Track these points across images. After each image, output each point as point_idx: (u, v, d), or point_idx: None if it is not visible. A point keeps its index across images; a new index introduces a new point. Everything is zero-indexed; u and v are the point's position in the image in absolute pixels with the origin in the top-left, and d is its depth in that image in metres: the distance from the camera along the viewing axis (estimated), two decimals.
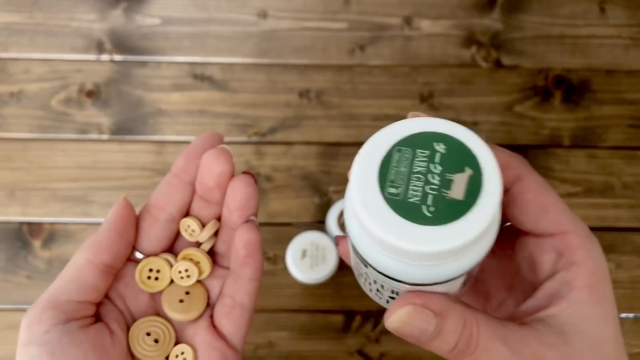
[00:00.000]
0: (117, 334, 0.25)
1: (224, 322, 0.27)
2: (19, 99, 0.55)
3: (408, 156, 0.17)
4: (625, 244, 0.53)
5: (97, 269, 0.25)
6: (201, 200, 0.27)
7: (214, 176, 0.25)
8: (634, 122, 0.55)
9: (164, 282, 0.27)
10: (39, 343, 0.23)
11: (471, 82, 0.56)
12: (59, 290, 0.25)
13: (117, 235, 0.25)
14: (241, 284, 0.27)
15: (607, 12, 0.58)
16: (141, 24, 0.57)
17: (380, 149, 0.18)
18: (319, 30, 0.57)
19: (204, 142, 0.26)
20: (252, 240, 0.26)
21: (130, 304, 0.27)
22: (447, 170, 0.17)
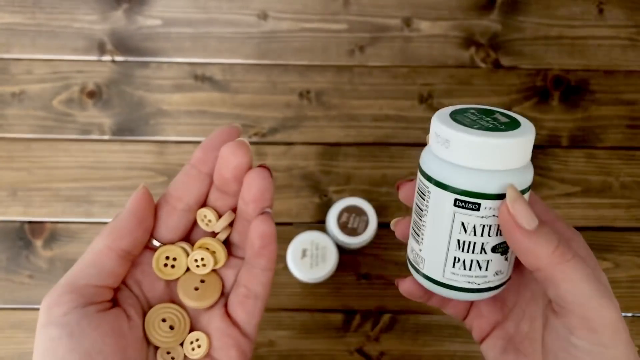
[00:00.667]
0: (134, 319, 0.26)
1: (237, 310, 0.27)
2: (21, 100, 0.55)
3: (475, 113, 0.25)
4: (623, 244, 0.53)
5: (115, 254, 0.25)
6: (218, 191, 0.27)
7: (231, 168, 0.26)
8: (632, 123, 0.56)
9: (180, 270, 0.27)
10: (58, 324, 0.23)
11: (470, 83, 0.56)
12: (78, 274, 0.25)
13: (136, 221, 0.26)
14: (255, 274, 0.27)
15: (605, 13, 0.58)
16: (142, 25, 0.57)
17: (450, 109, 0.24)
18: (319, 31, 0.57)
19: (222, 134, 0.27)
20: (267, 232, 0.26)
21: (147, 291, 0.27)
22: (498, 122, 0.24)
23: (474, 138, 0.22)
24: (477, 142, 0.22)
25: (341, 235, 0.48)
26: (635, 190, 0.54)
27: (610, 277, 0.53)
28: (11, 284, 0.52)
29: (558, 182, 0.54)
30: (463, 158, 0.22)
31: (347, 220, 0.48)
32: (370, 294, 0.52)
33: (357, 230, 0.48)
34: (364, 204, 0.48)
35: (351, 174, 0.54)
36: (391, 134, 0.55)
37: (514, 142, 0.22)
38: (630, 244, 0.53)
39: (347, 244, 0.48)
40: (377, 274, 0.52)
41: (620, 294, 0.52)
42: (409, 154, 0.55)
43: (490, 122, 0.23)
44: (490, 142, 0.22)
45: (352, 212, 0.48)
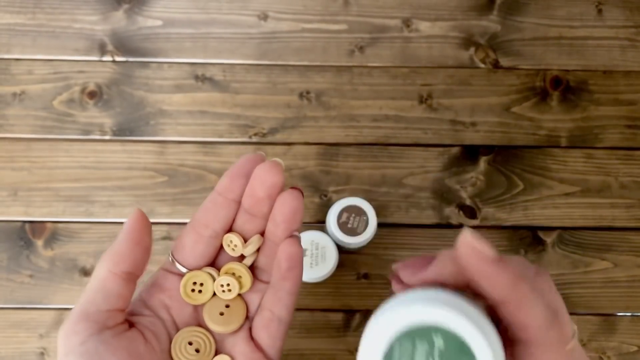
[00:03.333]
0: (151, 342, 0.26)
1: (261, 334, 0.28)
2: (22, 100, 0.55)
3: (408, 350, 0.17)
4: (622, 244, 0.53)
5: (119, 278, 0.26)
6: (246, 214, 0.28)
7: (266, 187, 0.27)
8: (631, 123, 0.56)
9: (206, 295, 0.28)
10: (77, 353, 0.24)
11: (469, 83, 0.56)
12: (87, 302, 0.26)
13: (133, 244, 0.26)
14: (280, 297, 0.28)
15: (604, 13, 0.58)
16: (143, 26, 0.57)
17: (383, 340, 0.18)
18: (319, 31, 0.57)
19: (249, 162, 0.28)
20: (295, 254, 0.27)
21: (175, 315, 0.28)
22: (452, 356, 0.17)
23: None
24: None
25: (341, 235, 0.48)
26: (634, 190, 0.54)
27: (610, 276, 0.53)
28: (12, 283, 0.52)
29: (557, 182, 0.54)
30: None
31: (347, 220, 0.48)
32: (370, 294, 0.52)
33: (357, 230, 0.48)
34: (364, 203, 0.48)
35: (351, 174, 0.54)
36: (391, 134, 0.55)
37: None
38: (629, 243, 0.53)
39: (347, 243, 0.48)
40: (377, 273, 0.52)
41: (620, 294, 0.52)
42: (408, 154, 0.55)
43: None
44: None
45: (352, 212, 0.48)
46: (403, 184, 0.54)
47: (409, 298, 0.18)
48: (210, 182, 0.54)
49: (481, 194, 0.54)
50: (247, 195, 0.27)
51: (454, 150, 0.55)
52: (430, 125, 0.55)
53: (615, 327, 0.52)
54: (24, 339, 0.51)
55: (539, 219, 0.54)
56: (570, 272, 0.53)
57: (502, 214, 0.54)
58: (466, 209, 0.54)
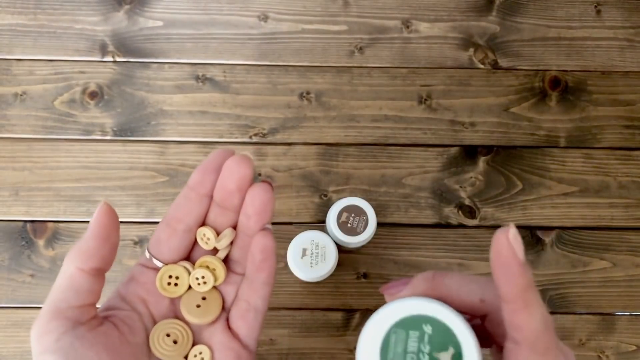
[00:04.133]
0: (126, 335, 0.27)
1: (239, 323, 0.28)
2: (23, 100, 0.55)
3: (402, 337, 0.21)
4: (620, 243, 0.54)
5: (88, 274, 0.26)
6: (218, 207, 0.28)
7: (236, 179, 0.27)
8: (630, 123, 0.56)
9: (182, 288, 0.28)
10: (52, 351, 0.24)
11: (469, 84, 0.57)
12: (58, 299, 0.26)
13: (101, 241, 0.26)
14: (255, 288, 0.28)
15: (602, 13, 0.59)
16: (144, 26, 0.57)
17: (380, 330, 0.21)
18: (319, 32, 0.58)
19: (219, 157, 0.28)
20: (268, 246, 0.28)
21: (152, 308, 0.28)
22: (434, 349, 0.20)
23: None
24: None
25: (341, 235, 0.48)
26: (632, 190, 0.55)
27: (608, 276, 0.53)
28: (13, 283, 0.52)
29: (556, 182, 0.55)
30: None
31: (346, 220, 0.48)
32: (369, 293, 0.52)
33: (357, 229, 0.48)
34: (364, 203, 0.48)
35: (351, 174, 0.54)
36: (390, 135, 0.55)
37: None
38: (628, 243, 0.54)
39: (346, 243, 0.49)
40: (376, 273, 0.53)
41: (618, 294, 0.53)
42: (407, 154, 0.55)
43: (425, 358, 0.21)
44: None
45: (351, 211, 0.48)
46: (402, 184, 0.54)
47: (400, 300, 0.21)
48: None
49: (480, 194, 0.54)
50: (218, 189, 0.28)
51: (453, 151, 0.55)
52: (430, 125, 0.56)
53: (614, 327, 0.52)
54: (25, 338, 0.51)
55: (538, 219, 0.54)
56: (569, 271, 0.53)
57: (501, 213, 0.54)
58: (465, 208, 0.54)
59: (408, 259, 0.53)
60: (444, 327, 0.20)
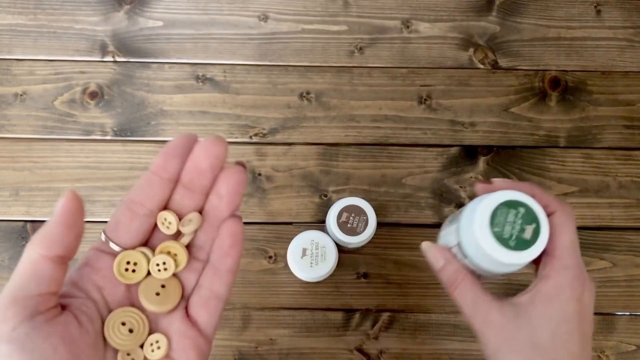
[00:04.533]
0: (85, 325, 0.26)
1: (200, 311, 0.28)
2: (23, 100, 0.55)
3: (504, 212, 0.31)
4: (620, 243, 0.54)
5: (51, 261, 0.25)
6: (184, 189, 0.27)
7: (211, 158, 0.26)
8: (630, 123, 0.56)
9: (140, 274, 0.28)
10: (7, 340, 0.23)
11: (469, 84, 0.57)
12: (18, 286, 0.25)
13: (66, 228, 0.25)
14: (220, 275, 0.28)
15: (602, 14, 0.59)
16: (144, 26, 0.57)
17: (491, 206, 0.31)
18: (319, 32, 0.58)
19: (182, 141, 0.27)
20: (237, 231, 0.27)
21: (107, 295, 0.27)
22: (524, 222, 0.31)
23: (495, 256, 0.31)
24: (495, 258, 0.31)
25: (341, 235, 0.48)
26: (632, 190, 0.55)
27: (608, 276, 0.53)
28: None
29: (556, 182, 0.55)
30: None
31: (346, 220, 0.48)
32: (369, 293, 0.52)
33: (357, 229, 0.48)
34: (364, 203, 0.49)
35: (351, 174, 0.54)
36: (390, 135, 0.55)
37: (518, 263, 0.31)
38: (627, 243, 0.54)
39: (346, 243, 0.49)
40: (376, 273, 0.53)
41: (618, 293, 0.53)
42: (407, 154, 0.55)
43: (517, 226, 0.31)
44: (504, 262, 0.31)
45: (351, 211, 0.48)
46: (402, 184, 0.54)
47: (505, 191, 0.32)
48: None
49: None
50: (188, 169, 0.27)
51: (453, 151, 0.55)
52: (430, 125, 0.56)
53: (614, 327, 0.52)
54: None
55: None
56: None
57: None
58: None
59: (408, 259, 0.53)
60: (531, 211, 0.31)
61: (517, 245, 0.30)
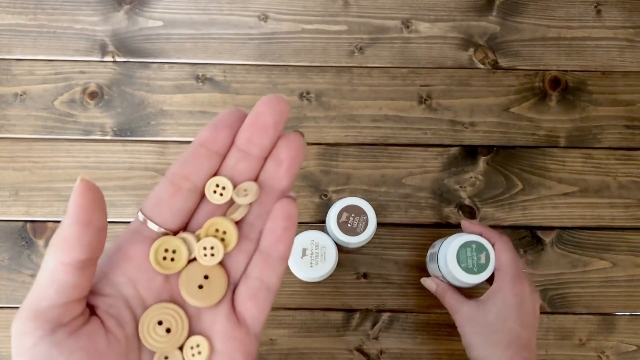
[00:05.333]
0: (114, 332, 0.23)
1: (248, 304, 0.25)
2: (23, 100, 0.55)
3: (464, 251, 0.46)
4: (620, 243, 0.54)
5: (71, 267, 0.22)
6: (239, 152, 0.24)
7: (276, 113, 0.23)
8: (630, 123, 0.56)
9: (180, 263, 0.24)
10: (29, 357, 0.22)
11: (469, 84, 0.57)
12: (38, 297, 0.22)
13: (82, 227, 0.22)
14: (271, 263, 0.25)
15: (602, 14, 0.59)
16: (144, 26, 0.57)
17: (455, 247, 0.46)
18: (319, 32, 0.58)
19: (231, 115, 0.24)
20: (293, 213, 0.24)
21: (142, 289, 0.24)
22: (478, 253, 0.46)
23: (465, 279, 0.46)
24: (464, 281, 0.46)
25: (341, 235, 0.48)
26: (632, 190, 0.55)
27: (608, 276, 0.53)
28: (13, 283, 0.52)
29: (556, 182, 0.55)
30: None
31: (346, 220, 0.48)
32: (369, 293, 0.52)
33: (357, 229, 0.48)
34: (364, 203, 0.48)
35: (351, 174, 0.54)
36: (390, 135, 0.55)
37: (479, 282, 0.46)
38: (628, 243, 0.54)
39: (346, 243, 0.49)
40: (376, 273, 0.53)
41: (619, 293, 0.53)
42: (407, 154, 0.55)
43: (474, 258, 0.46)
44: (469, 283, 0.46)
45: (351, 211, 0.48)
46: (402, 184, 0.54)
47: (461, 235, 0.46)
48: None
49: (480, 193, 0.54)
50: (247, 126, 0.24)
51: (453, 151, 0.55)
52: (430, 125, 0.56)
53: (614, 327, 0.52)
54: None
55: (538, 219, 0.54)
56: (569, 271, 0.53)
57: (501, 213, 0.54)
58: (465, 208, 0.54)
59: (408, 259, 0.53)
60: (480, 244, 0.46)
61: (479, 270, 0.45)
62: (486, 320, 0.45)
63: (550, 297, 0.53)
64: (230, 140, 0.24)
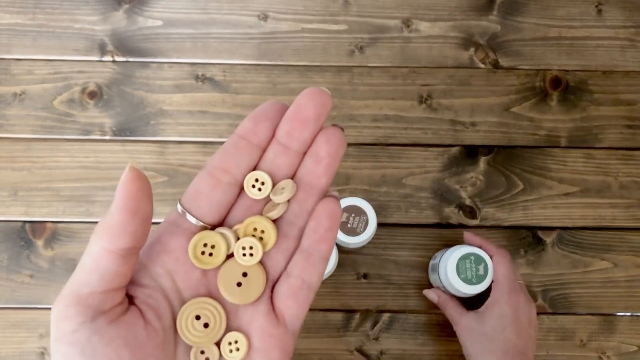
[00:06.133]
0: (153, 323, 0.23)
1: (288, 303, 0.24)
2: (22, 100, 0.55)
3: (463, 263, 0.48)
4: (621, 244, 0.53)
5: (116, 255, 0.22)
6: (279, 145, 0.24)
7: (318, 105, 0.23)
8: (631, 123, 0.56)
9: (218, 258, 0.24)
10: (68, 342, 0.22)
11: (469, 84, 0.56)
12: (80, 282, 0.22)
13: (130, 215, 0.22)
14: (313, 263, 0.24)
15: (603, 13, 0.58)
16: (143, 26, 0.57)
17: (455, 259, 0.48)
18: (319, 32, 0.57)
19: (272, 107, 0.24)
20: (336, 213, 0.24)
21: (180, 281, 0.24)
22: (477, 264, 0.48)
23: (464, 290, 0.48)
24: (463, 291, 0.48)
25: (341, 235, 0.48)
26: (633, 190, 0.54)
27: (609, 276, 0.53)
28: (12, 283, 0.52)
29: (556, 182, 0.54)
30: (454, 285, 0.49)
31: (347, 220, 0.48)
32: (369, 294, 0.52)
33: (357, 229, 0.48)
34: (364, 203, 0.48)
35: (351, 174, 0.54)
36: (391, 134, 0.55)
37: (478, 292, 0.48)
38: (628, 243, 0.53)
39: (346, 243, 0.48)
40: (376, 273, 0.52)
41: (619, 294, 0.53)
42: (408, 154, 0.55)
43: (474, 269, 0.48)
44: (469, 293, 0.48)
45: (351, 211, 0.48)
46: (403, 184, 0.54)
47: (461, 246, 0.49)
48: None
49: (481, 194, 0.54)
50: (288, 118, 0.23)
51: (453, 150, 0.55)
52: (430, 125, 0.56)
53: (615, 327, 0.52)
54: (24, 339, 0.51)
55: (539, 219, 0.54)
56: (569, 272, 0.53)
57: (502, 213, 0.54)
58: (466, 208, 0.54)
59: (408, 259, 0.53)
60: (479, 256, 0.48)
61: (477, 280, 0.47)
62: (484, 331, 0.47)
63: (551, 298, 0.53)
64: (271, 133, 0.24)
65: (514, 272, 0.48)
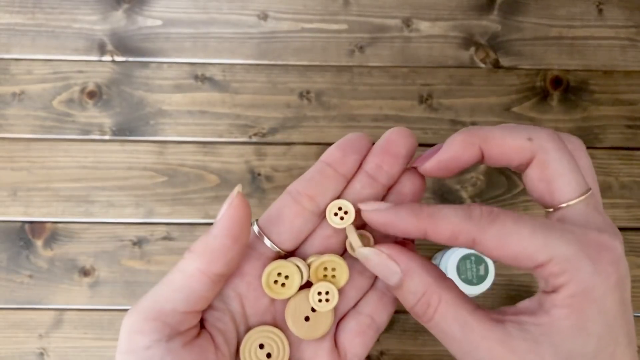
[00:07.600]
0: (221, 348, 0.23)
1: (355, 341, 0.24)
2: (21, 100, 0.55)
3: (463, 263, 0.47)
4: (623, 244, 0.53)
5: (208, 279, 0.22)
6: (367, 177, 0.24)
7: (408, 144, 0.23)
8: (632, 123, 0.56)
9: (290, 290, 0.24)
10: (139, 358, 0.21)
11: (470, 83, 0.56)
12: (164, 298, 0.22)
13: (231, 241, 0.22)
14: (386, 302, 0.24)
15: (604, 13, 0.58)
16: (142, 26, 0.57)
17: (455, 260, 0.47)
18: (319, 31, 0.57)
19: (360, 139, 0.24)
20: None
21: (248, 307, 0.24)
22: (477, 264, 0.47)
23: (466, 290, 0.46)
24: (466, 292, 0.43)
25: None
26: (634, 190, 0.54)
27: None
28: (11, 283, 0.52)
29: None
30: None
31: None
32: None
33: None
34: None
35: None
36: None
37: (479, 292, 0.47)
38: (630, 243, 0.53)
39: None
40: None
41: None
42: None
43: (474, 269, 0.47)
44: (471, 293, 0.47)
45: None
46: None
47: (461, 248, 0.46)
48: (210, 182, 0.54)
49: (481, 194, 0.54)
50: (378, 151, 0.23)
51: None
52: (431, 125, 0.55)
53: None
54: (23, 339, 0.51)
55: None
56: None
57: None
58: None
59: None
60: (479, 257, 0.46)
61: (478, 281, 0.47)
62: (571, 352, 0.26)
63: None
64: (358, 164, 0.24)
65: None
